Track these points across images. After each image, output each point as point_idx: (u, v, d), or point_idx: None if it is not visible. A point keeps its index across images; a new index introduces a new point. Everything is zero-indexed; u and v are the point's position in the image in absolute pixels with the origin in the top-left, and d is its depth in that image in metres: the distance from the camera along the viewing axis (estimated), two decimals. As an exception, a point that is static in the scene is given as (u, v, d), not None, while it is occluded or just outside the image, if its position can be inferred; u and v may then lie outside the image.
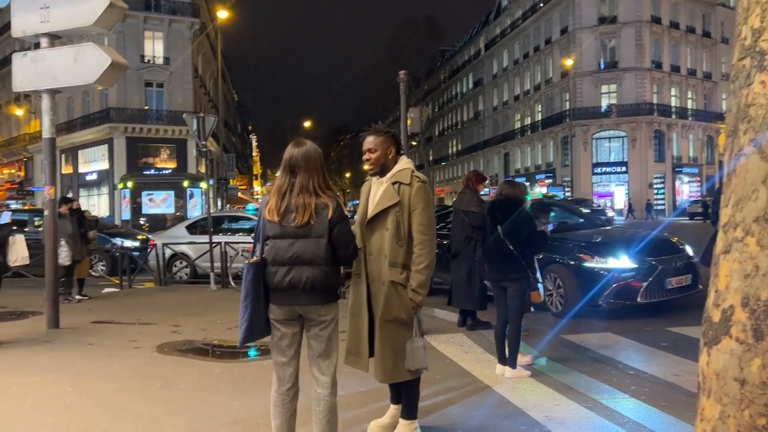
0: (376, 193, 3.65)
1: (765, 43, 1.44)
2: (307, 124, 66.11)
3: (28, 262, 7.49)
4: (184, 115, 14.51)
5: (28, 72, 7.71)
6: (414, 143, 51.42)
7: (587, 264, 7.84)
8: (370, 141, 3.65)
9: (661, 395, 4.73)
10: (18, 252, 7.10)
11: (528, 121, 55.89)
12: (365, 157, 3.67)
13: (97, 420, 4.27)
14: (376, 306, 3.55)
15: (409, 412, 3.69)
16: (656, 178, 47.18)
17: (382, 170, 3.65)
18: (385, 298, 3.51)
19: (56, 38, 7.75)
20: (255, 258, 3.23)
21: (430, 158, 71.52)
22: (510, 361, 5.23)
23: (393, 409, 3.94)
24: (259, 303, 3.17)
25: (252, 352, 6.37)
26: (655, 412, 4.32)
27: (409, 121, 11.21)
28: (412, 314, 3.54)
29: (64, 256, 9.57)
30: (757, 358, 1.34)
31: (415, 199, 3.53)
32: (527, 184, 31.85)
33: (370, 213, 3.60)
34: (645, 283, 7.63)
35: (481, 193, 7.46)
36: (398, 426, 3.68)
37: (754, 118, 1.45)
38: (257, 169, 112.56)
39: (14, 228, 9.59)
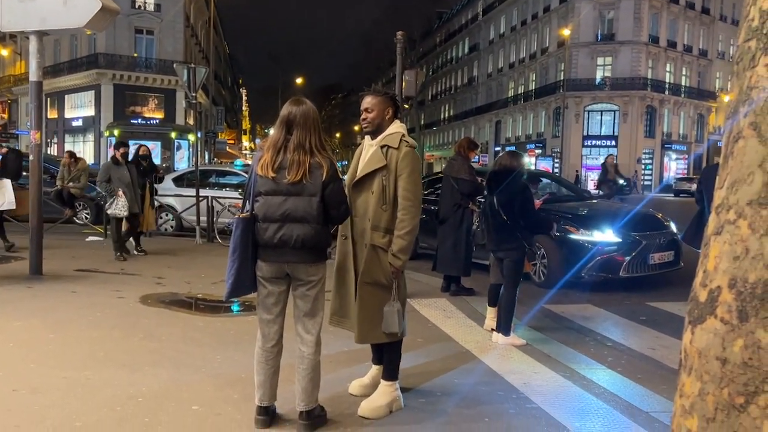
0: (365, 155, 3.65)
1: (773, 25, 1.43)
2: (299, 80, 65.24)
3: (14, 207, 7.41)
4: (174, 65, 14.27)
5: (16, 11, 7.49)
6: (407, 106, 51.06)
7: (572, 236, 7.91)
8: (368, 101, 3.63)
9: (637, 368, 4.84)
10: (5, 196, 7.03)
11: (521, 89, 55.57)
12: (362, 116, 3.65)
13: (80, 367, 4.29)
14: (359, 268, 3.57)
15: (390, 373, 3.73)
16: (645, 153, 47.37)
17: (377, 131, 3.64)
18: (365, 261, 3.52)
19: (45, -22, 7.52)
20: (245, 213, 3.22)
21: (422, 122, 71.11)
22: (503, 329, 5.30)
23: (374, 369, 3.99)
24: (247, 259, 3.18)
25: (235, 307, 6.40)
26: (630, 384, 4.42)
27: (404, 84, 11.09)
28: (392, 278, 3.53)
29: (121, 206, 8.91)
30: (740, 339, 1.36)
31: (402, 163, 3.51)
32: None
33: (357, 175, 3.59)
34: (628, 258, 7.72)
35: (472, 160, 7.45)
36: (379, 387, 3.73)
37: (755, 101, 1.44)
38: (246, 123, 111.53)
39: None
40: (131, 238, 9.75)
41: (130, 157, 9.96)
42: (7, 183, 7.12)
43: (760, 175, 1.39)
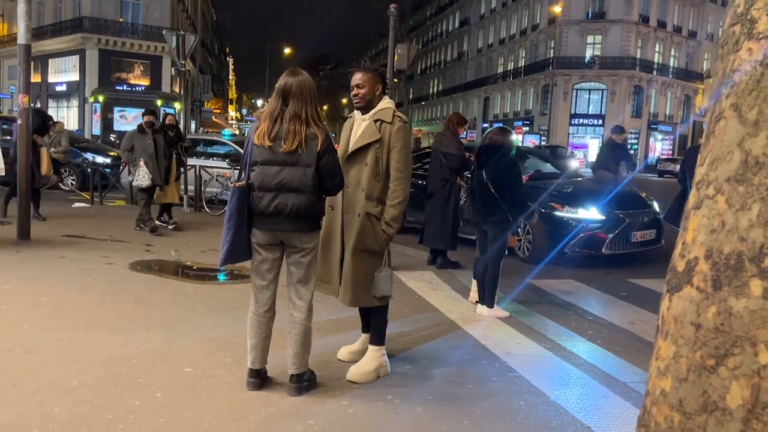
0: (357, 129, 3.77)
1: (756, 11, 1.51)
2: (287, 50, 64.51)
3: (3, 174, 7.40)
4: (163, 32, 14.10)
5: (4, -27, 7.39)
6: (396, 80, 50.80)
7: (557, 213, 8.03)
8: (358, 77, 3.74)
9: (616, 341, 5.00)
10: None
11: (511, 66, 55.43)
12: (353, 92, 3.77)
13: (73, 329, 4.36)
14: (349, 236, 3.70)
15: (378, 338, 3.87)
16: (631, 133, 47.61)
17: (367, 106, 3.76)
18: (359, 228, 3.66)
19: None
20: (241, 182, 3.28)
21: (411, 97, 70.79)
22: (487, 301, 5.43)
23: (363, 337, 4.11)
24: (242, 226, 3.25)
25: (221, 276, 6.48)
26: (609, 356, 4.58)
27: (396, 57, 11.07)
28: (383, 246, 3.72)
29: (142, 176, 8.62)
30: (714, 306, 1.46)
31: (396, 137, 3.68)
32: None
33: (351, 147, 3.72)
34: (611, 235, 7.87)
35: (460, 136, 7.51)
36: (367, 351, 3.87)
37: (737, 83, 1.53)
38: (233, 93, 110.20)
39: None
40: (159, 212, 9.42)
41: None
42: None
43: (739, 153, 1.48)
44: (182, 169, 10.26)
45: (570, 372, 4.14)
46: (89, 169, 12.78)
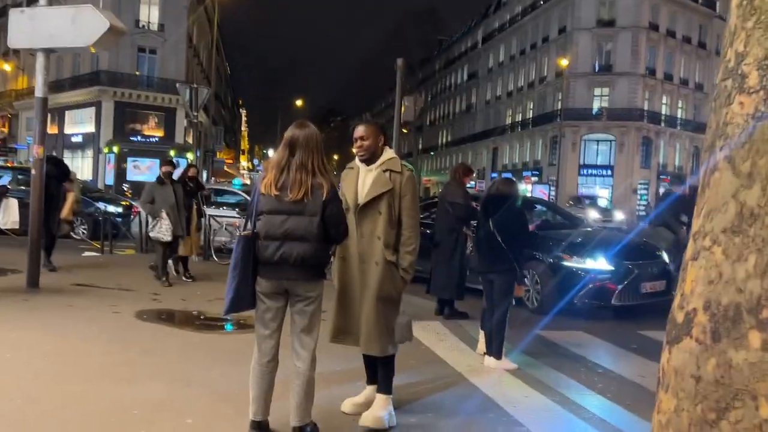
0: (365, 180, 3.85)
1: (747, 66, 1.54)
2: (299, 102, 65.79)
3: (18, 227, 7.52)
4: (177, 85, 14.47)
5: (25, 29, 7.65)
6: (405, 131, 51.45)
7: (566, 263, 7.99)
8: (361, 130, 3.87)
9: (626, 394, 4.90)
10: (10, 215, 7.20)
11: (519, 117, 56.07)
12: (357, 144, 3.88)
13: (76, 379, 4.34)
14: (367, 285, 3.75)
15: (387, 387, 3.90)
16: (641, 183, 47.68)
17: (371, 157, 3.87)
18: (380, 277, 3.73)
19: (54, -4, 7.71)
20: (247, 231, 3.32)
21: (420, 147, 71.52)
22: (495, 352, 5.36)
23: (368, 389, 4.07)
24: (247, 275, 3.27)
25: (228, 326, 6.45)
26: (619, 410, 4.48)
27: (403, 109, 11.27)
28: (401, 292, 3.84)
29: (164, 230, 8.42)
30: (713, 358, 1.45)
31: (406, 186, 3.81)
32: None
33: (365, 198, 3.79)
34: (620, 286, 7.80)
35: (468, 186, 7.57)
36: (375, 399, 3.87)
37: (730, 135, 1.55)
38: (245, 144, 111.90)
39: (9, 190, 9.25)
40: (175, 263, 9.27)
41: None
42: (14, 203, 7.26)
43: (734, 205, 1.50)
44: (203, 220, 10.15)
45: (579, 426, 4.05)
46: (100, 218, 12.91)
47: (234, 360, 4.99)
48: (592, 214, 29.78)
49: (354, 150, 3.90)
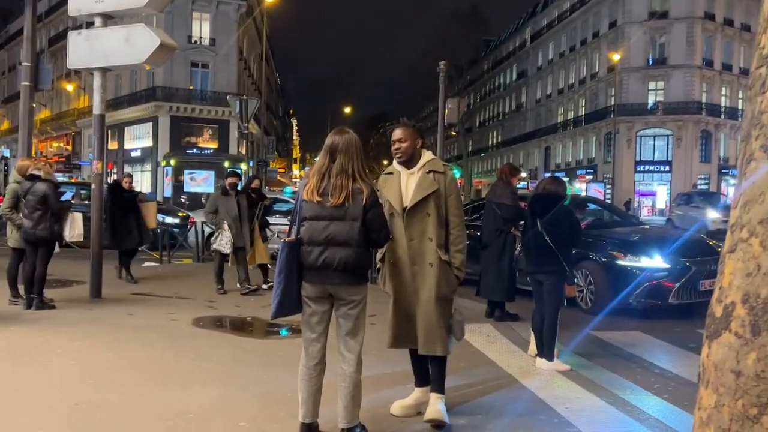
0: (408, 183, 3.88)
1: (781, 53, 1.50)
2: (347, 110, 66.47)
3: (82, 239, 7.88)
4: (227, 97, 14.84)
5: (82, 50, 8.00)
6: (453, 133, 51.13)
7: (620, 262, 7.82)
8: (399, 133, 3.93)
9: (684, 395, 4.74)
10: (75, 229, 7.52)
11: (571, 115, 55.08)
12: (395, 147, 3.93)
13: (134, 384, 4.51)
14: (423, 286, 3.80)
15: (441, 386, 3.93)
16: (701, 179, 46.09)
17: (409, 159, 3.92)
18: (436, 278, 3.78)
19: (109, 18, 8.02)
20: (291, 237, 3.40)
21: (470, 149, 71.04)
22: (546, 354, 5.30)
23: (417, 391, 4.08)
24: (292, 280, 3.34)
25: (283, 331, 6.57)
26: (675, 411, 4.35)
27: (446, 112, 11.25)
28: (455, 291, 3.91)
29: (225, 242, 8.55)
30: (753, 352, 1.41)
31: (450, 186, 3.88)
32: (567, 179, 31.49)
33: (412, 201, 3.82)
34: (677, 284, 7.57)
35: (518, 186, 7.50)
36: (430, 399, 3.91)
37: (766, 124, 1.51)
38: (296, 152, 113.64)
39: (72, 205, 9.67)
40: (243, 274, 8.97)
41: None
42: (79, 217, 7.61)
43: (771, 194, 1.46)
44: (267, 230, 10.19)
45: (633, 427, 3.96)
46: (159, 229, 13.32)
47: (286, 364, 5.07)
48: (712, 215, 22.31)
49: (392, 152, 3.95)
